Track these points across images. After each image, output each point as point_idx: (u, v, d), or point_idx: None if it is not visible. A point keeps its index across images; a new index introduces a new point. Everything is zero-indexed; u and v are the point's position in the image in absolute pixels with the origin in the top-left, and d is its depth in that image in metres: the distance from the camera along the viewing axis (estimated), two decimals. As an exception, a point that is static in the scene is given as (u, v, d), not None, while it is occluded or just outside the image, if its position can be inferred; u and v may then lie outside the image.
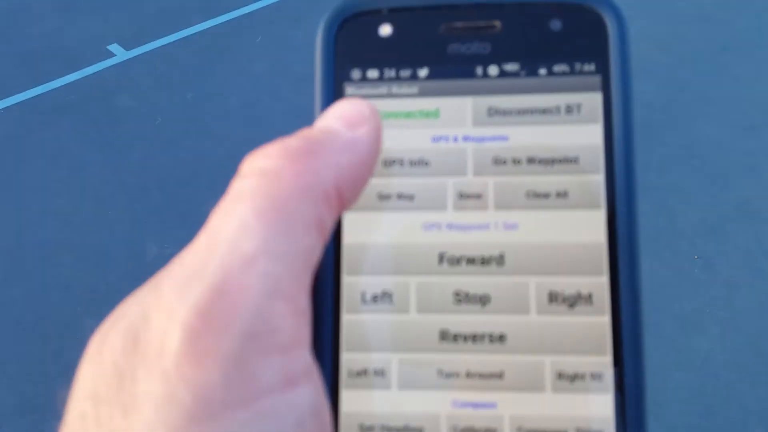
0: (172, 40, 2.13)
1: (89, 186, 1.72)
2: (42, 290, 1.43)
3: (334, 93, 0.23)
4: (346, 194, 0.20)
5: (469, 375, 0.22)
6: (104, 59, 2.07)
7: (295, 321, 0.18)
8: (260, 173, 0.19)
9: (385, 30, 0.24)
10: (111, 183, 1.68)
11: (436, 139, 0.23)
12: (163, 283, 0.18)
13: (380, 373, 0.22)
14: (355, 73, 0.24)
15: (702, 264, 1.40)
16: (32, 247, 1.52)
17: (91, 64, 2.06)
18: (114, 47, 2.12)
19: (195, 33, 2.16)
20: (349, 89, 0.24)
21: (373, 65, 0.23)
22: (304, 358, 0.18)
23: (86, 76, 2.02)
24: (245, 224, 0.18)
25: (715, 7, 1.97)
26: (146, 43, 2.13)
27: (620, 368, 0.21)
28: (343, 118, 0.21)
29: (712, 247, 1.44)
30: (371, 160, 0.21)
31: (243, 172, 0.19)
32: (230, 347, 0.16)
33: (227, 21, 2.16)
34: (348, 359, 0.22)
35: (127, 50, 2.12)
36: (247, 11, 2.18)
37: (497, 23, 0.23)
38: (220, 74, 1.97)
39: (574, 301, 0.22)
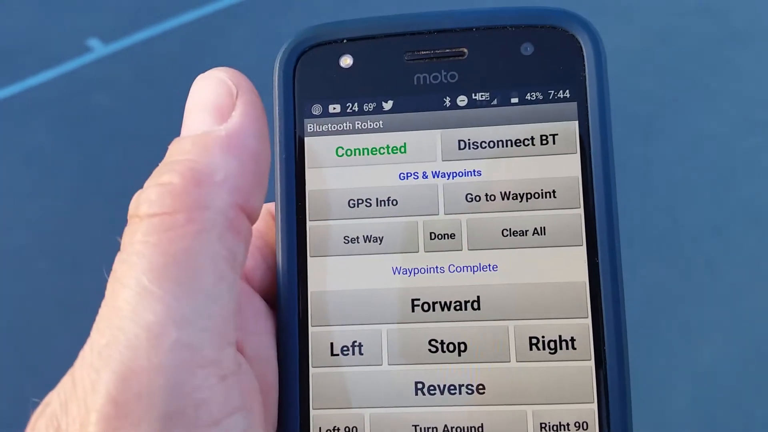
0: (153, 34, 2.07)
1: (65, 188, 1.67)
2: (15, 299, 1.38)
3: (294, 131, 0.22)
4: (251, 203, 0.18)
5: (446, 430, 0.21)
6: (82, 54, 2.02)
7: (222, 387, 0.16)
8: (147, 224, 0.17)
9: (346, 61, 0.23)
10: (88, 185, 1.63)
11: (405, 176, 0.22)
12: (77, 366, 0.17)
13: (352, 431, 0.21)
14: (316, 109, 0.22)
15: (706, 267, 1.37)
16: (4, 253, 1.47)
17: (67, 60, 2.00)
18: (92, 42, 2.06)
19: (177, 26, 2.10)
20: (309, 126, 0.22)
21: (334, 99, 0.22)
22: (237, 424, 0.17)
23: (63, 73, 1.97)
24: (143, 290, 0.16)
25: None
26: (126, 37, 2.07)
27: (606, 416, 0.20)
28: (208, 107, 0.19)
29: (716, 249, 1.41)
30: (262, 144, 0.19)
31: (130, 227, 0.17)
32: None
33: (210, 13, 2.10)
34: (317, 416, 0.21)
35: (106, 45, 2.06)
36: (232, 2, 2.12)
37: (464, 50, 0.22)
38: (204, 69, 1.91)
39: (555, 346, 0.21)
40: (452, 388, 0.21)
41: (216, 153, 0.18)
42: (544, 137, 0.22)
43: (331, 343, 0.21)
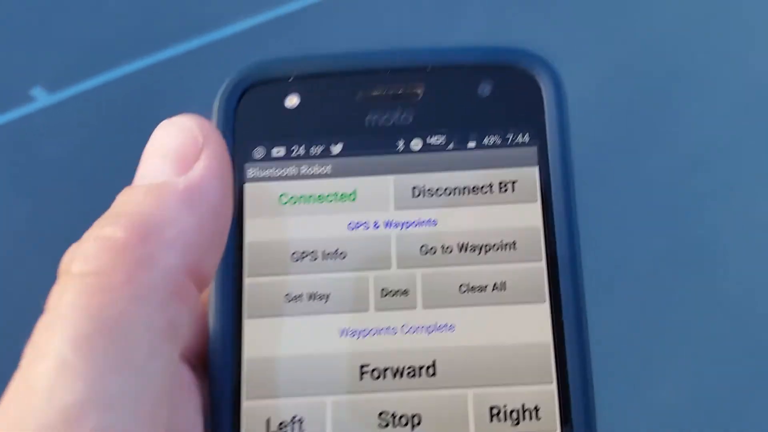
0: (100, 82, 2.05)
1: (9, 243, 1.62)
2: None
3: (233, 176, 0.20)
4: (202, 268, 0.16)
5: None
6: (25, 104, 1.98)
7: None
8: (79, 284, 0.15)
9: (292, 101, 0.21)
10: (33, 239, 1.58)
11: (354, 226, 0.20)
12: None
13: None
14: (258, 152, 0.21)
15: (662, 304, 1.39)
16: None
17: (10, 110, 1.96)
18: (36, 91, 2.03)
19: (125, 74, 2.07)
20: (250, 171, 0.21)
21: (278, 142, 0.21)
22: None
23: (5, 123, 1.92)
24: (63, 364, 0.14)
25: (657, 40, 2.00)
26: (72, 85, 2.04)
27: None
28: (169, 154, 0.17)
29: (669, 288, 1.42)
30: (224, 202, 0.17)
31: (59, 285, 0.15)
32: None
33: (159, 61, 2.09)
34: None
35: (51, 94, 2.03)
36: (181, 51, 2.11)
37: (418, 90, 0.21)
38: (153, 118, 1.88)
39: (518, 417, 0.19)
40: None
41: (170, 206, 0.16)
42: (503, 184, 0.20)
43: (268, 420, 0.19)
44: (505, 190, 0.20)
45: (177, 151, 0.17)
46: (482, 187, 0.21)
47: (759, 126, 1.71)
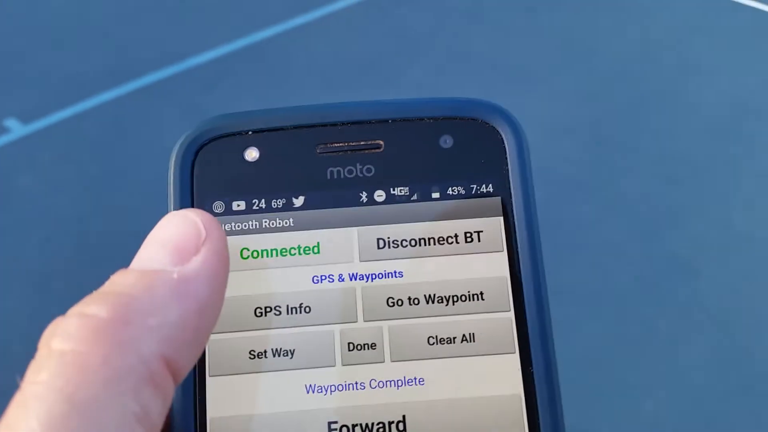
0: (75, 113, 2.04)
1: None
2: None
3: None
4: (180, 361, 0.16)
5: None
6: (0, 136, 1.96)
7: None
8: (57, 362, 0.15)
9: (252, 154, 0.21)
10: (9, 271, 1.56)
11: (318, 279, 0.20)
12: None
13: None
14: (218, 206, 0.20)
15: (639, 321, 1.39)
16: None
17: (-15, 142, 1.94)
18: (11, 122, 2.01)
19: (100, 104, 2.07)
20: None
21: (239, 196, 0.20)
22: None
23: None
24: None
25: (630, 62, 2.03)
26: (46, 116, 2.03)
27: None
28: (169, 244, 0.17)
29: (649, 303, 1.43)
30: (213, 299, 0.17)
31: (37, 360, 0.15)
32: None
33: (134, 90, 2.08)
34: None
35: (26, 125, 2.01)
36: (156, 79, 2.10)
37: (380, 143, 0.21)
38: (128, 147, 1.88)
39: None
40: None
41: (159, 295, 0.16)
42: (468, 234, 0.20)
43: None
44: (471, 240, 0.20)
45: (177, 242, 0.17)
46: (448, 238, 0.20)
47: (725, 143, 1.73)
